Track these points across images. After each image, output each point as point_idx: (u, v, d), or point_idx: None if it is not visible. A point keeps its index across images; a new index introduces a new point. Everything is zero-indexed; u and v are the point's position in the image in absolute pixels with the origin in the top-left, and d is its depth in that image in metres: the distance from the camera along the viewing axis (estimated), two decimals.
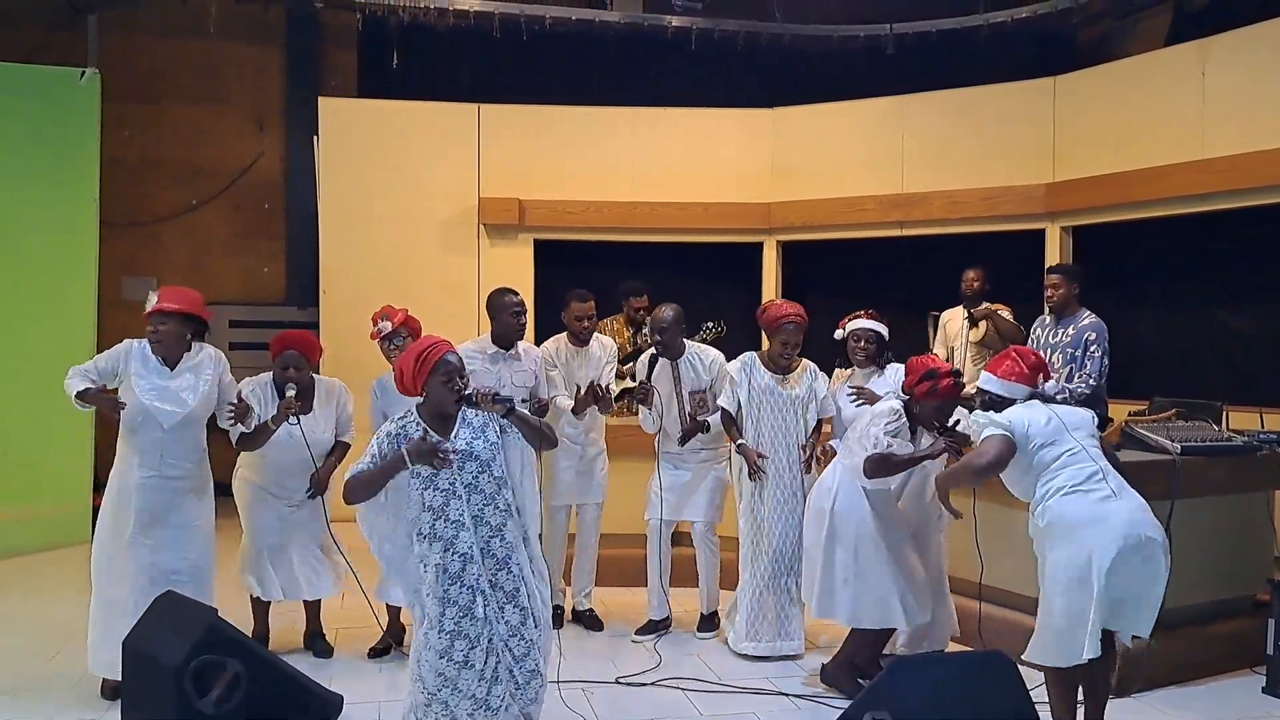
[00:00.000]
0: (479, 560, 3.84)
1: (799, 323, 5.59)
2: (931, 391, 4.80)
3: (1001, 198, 8.38)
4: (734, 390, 5.64)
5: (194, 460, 4.98)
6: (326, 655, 5.57)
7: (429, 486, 3.86)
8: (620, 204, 9.17)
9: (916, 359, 5.01)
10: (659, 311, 5.91)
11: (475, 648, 3.81)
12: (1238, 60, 7.19)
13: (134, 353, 4.91)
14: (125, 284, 10.04)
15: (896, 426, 4.84)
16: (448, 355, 3.91)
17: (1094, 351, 6.32)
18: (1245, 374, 7.49)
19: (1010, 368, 4.42)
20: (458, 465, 3.85)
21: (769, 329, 5.65)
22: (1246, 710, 4.87)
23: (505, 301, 5.75)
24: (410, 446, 3.79)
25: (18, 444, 7.85)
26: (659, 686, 5.15)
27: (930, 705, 3.52)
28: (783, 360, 5.62)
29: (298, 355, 5.31)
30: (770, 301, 5.71)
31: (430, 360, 3.87)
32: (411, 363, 3.90)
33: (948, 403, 4.85)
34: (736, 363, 5.70)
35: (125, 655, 4.29)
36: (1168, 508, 4.92)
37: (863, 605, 4.96)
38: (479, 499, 3.87)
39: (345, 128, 9.09)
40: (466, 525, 3.85)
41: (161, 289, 4.97)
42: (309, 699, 4.33)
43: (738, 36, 10.03)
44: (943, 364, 4.94)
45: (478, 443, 3.92)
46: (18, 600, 6.65)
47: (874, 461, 4.80)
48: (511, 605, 3.87)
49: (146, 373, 4.87)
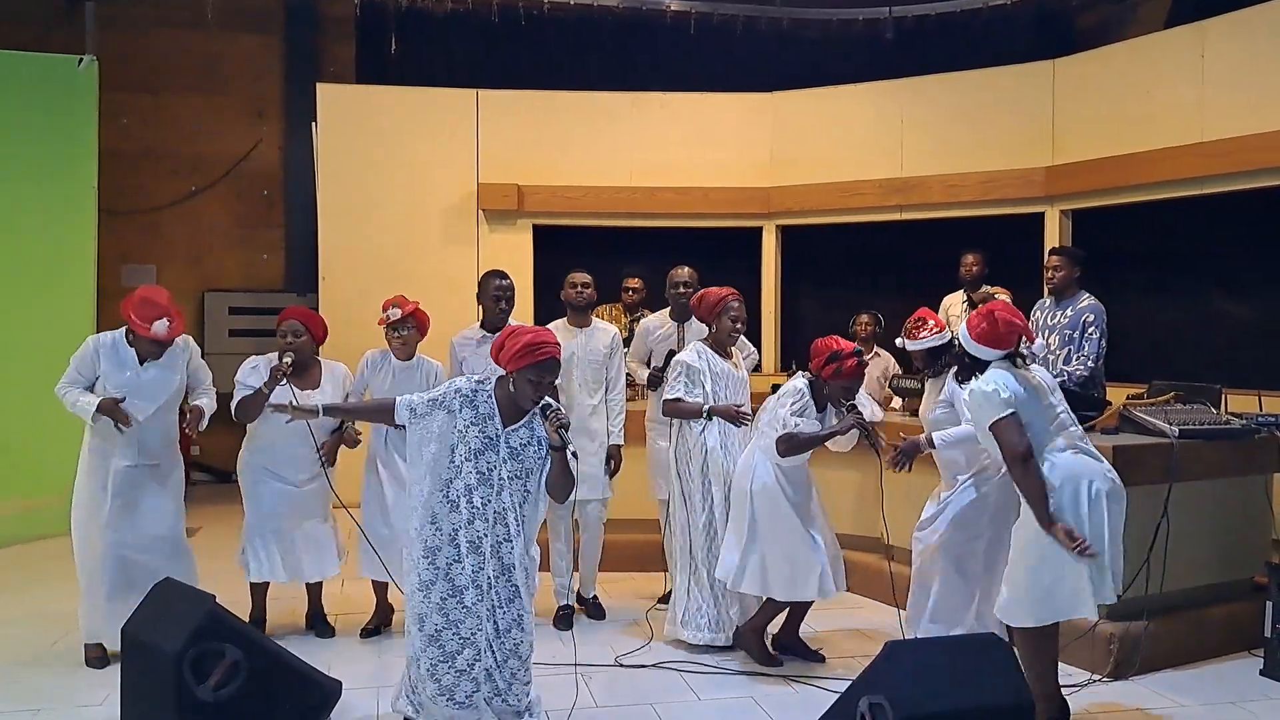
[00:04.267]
0: (486, 556, 3.87)
1: (740, 299, 5.59)
2: (837, 373, 5.00)
3: (1000, 181, 8.37)
4: (697, 378, 5.41)
5: (168, 447, 5.20)
6: (328, 635, 5.60)
7: (472, 461, 3.87)
8: (619, 189, 9.16)
9: (821, 340, 5.15)
10: (679, 270, 6.18)
11: (450, 630, 3.88)
12: (1236, 43, 7.16)
13: (103, 350, 4.99)
14: (125, 272, 10.06)
15: (800, 405, 5.07)
16: (555, 359, 3.90)
17: (1091, 334, 6.32)
18: (1244, 357, 7.48)
19: (986, 330, 4.40)
20: (502, 456, 3.86)
21: (713, 314, 5.53)
22: (1244, 693, 4.87)
23: (489, 285, 5.76)
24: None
25: (16, 434, 7.86)
26: (658, 669, 5.17)
27: (926, 689, 3.53)
28: (733, 336, 5.57)
29: (296, 323, 5.34)
30: (703, 290, 5.66)
31: (540, 355, 3.83)
32: (521, 344, 3.85)
33: (854, 381, 5.06)
34: (690, 354, 5.49)
35: (124, 642, 4.30)
36: (1165, 491, 4.94)
37: (775, 578, 5.13)
38: (507, 497, 3.89)
39: (344, 115, 9.07)
40: (487, 516, 3.87)
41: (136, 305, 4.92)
42: (308, 685, 4.34)
43: (737, 21, 10.02)
44: (846, 344, 5.07)
45: (530, 448, 3.94)
46: (16, 590, 6.66)
47: (783, 440, 5.01)
48: (503, 611, 3.91)
49: (117, 369, 4.98)
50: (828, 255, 9.50)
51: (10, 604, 6.32)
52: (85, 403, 4.88)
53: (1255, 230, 7.48)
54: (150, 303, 4.92)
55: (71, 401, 4.94)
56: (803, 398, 5.09)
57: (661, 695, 4.84)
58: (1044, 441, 4.23)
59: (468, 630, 3.90)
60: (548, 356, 3.85)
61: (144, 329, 4.88)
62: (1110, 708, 4.70)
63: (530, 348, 3.83)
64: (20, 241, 7.99)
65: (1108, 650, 4.98)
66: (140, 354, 5.03)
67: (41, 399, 7.87)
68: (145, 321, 4.87)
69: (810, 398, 5.11)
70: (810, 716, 4.15)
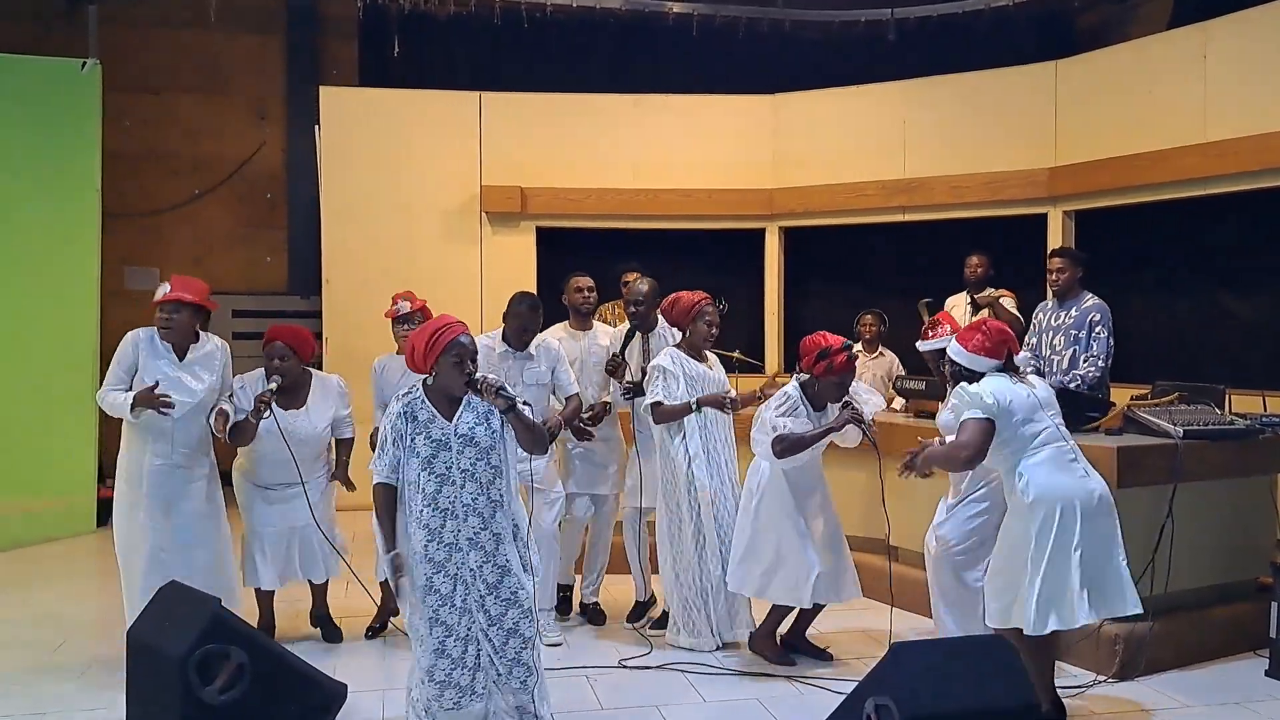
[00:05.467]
0: (465, 550, 3.88)
1: (713, 301, 5.62)
2: (828, 369, 5.02)
3: (1003, 182, 8.37)
4: (670, 382, 5.41)
5: (203, 449, 5.14)
6: (336, 640, 5.60)
7: (426, 469, 3.89)
8: (622, 191, 9.16)
9: (809, 338, 5.17)
10: (636, 284, 6.00)
11: (451, 636, 3.89)
12: (1239, 44, 7.16)
13: (141, 343, 4.98)
14: (127, 275, 10.06)
15: (786, 408, 5.09)
16: (461, 337, 3.92)
17: (1099, 333, 6.30)
18: (1247, 358, 7.48)
19: (979, 341, 4.42)
20: (456, 450, 3.87)
21: (686, 319, 5.54)
22: (1250, 693, 4.86)
23: (518, 310, 5.60)
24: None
25: (21, 435, 7.86)
26: (663, 671, 5.17)
27: (932, 691, 3.52)
28: (709, 340, 5.58)
29: (282, 346, 5.31)
30: (674, 295, 5.67)
31: (443, 340, 3.88)
32: (425, 339, 3.91)
33: (845, 376, 5.08)
34: (665, 359, 5.48)
35: (129, 646, 4.30)
36: (1170, 491, 4.93)
37: (774, 583, 5.16)
38: (474, 487, 3.90)
39: (346, 117, 9.08)
40: (456, 514, 3.88)
41: (173, 278, 5.03)
42: (313, 688, 4.33)
43: (739, 23, 10.02)
44: (834, 340, 5.08)
45: (479, 429, 3.94)
46: (22, 592, 6.67)
47: (777, 442, 5.00)
48: (493, 596, 3.91)
49: (155, 362, 4.96)
50: (831, 257, 9.51)
51: (15, 607, 6.32)
52: (123, 400, 4.86)
53: (1258, 230, 7.48)
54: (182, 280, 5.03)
55: (111, 403, 4.92)
56: (788, 400, 5.11)
57: (667, 697, 4.84)
58: (1021, 454, 4.28)
59: (464, 629, 3.92)
60: (453, 335, 3.89)
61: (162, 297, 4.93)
62: (1115, 708, 4.70)
63: (434, 337, 3.89)
64: (23, 244, 8.00)
65: (1113, 651, 4.98)
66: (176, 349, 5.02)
67: (46, 401, 7.97)
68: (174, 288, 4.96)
69: (801, 399, 5.13)
70: (816, 718, 4.15)
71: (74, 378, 8.08)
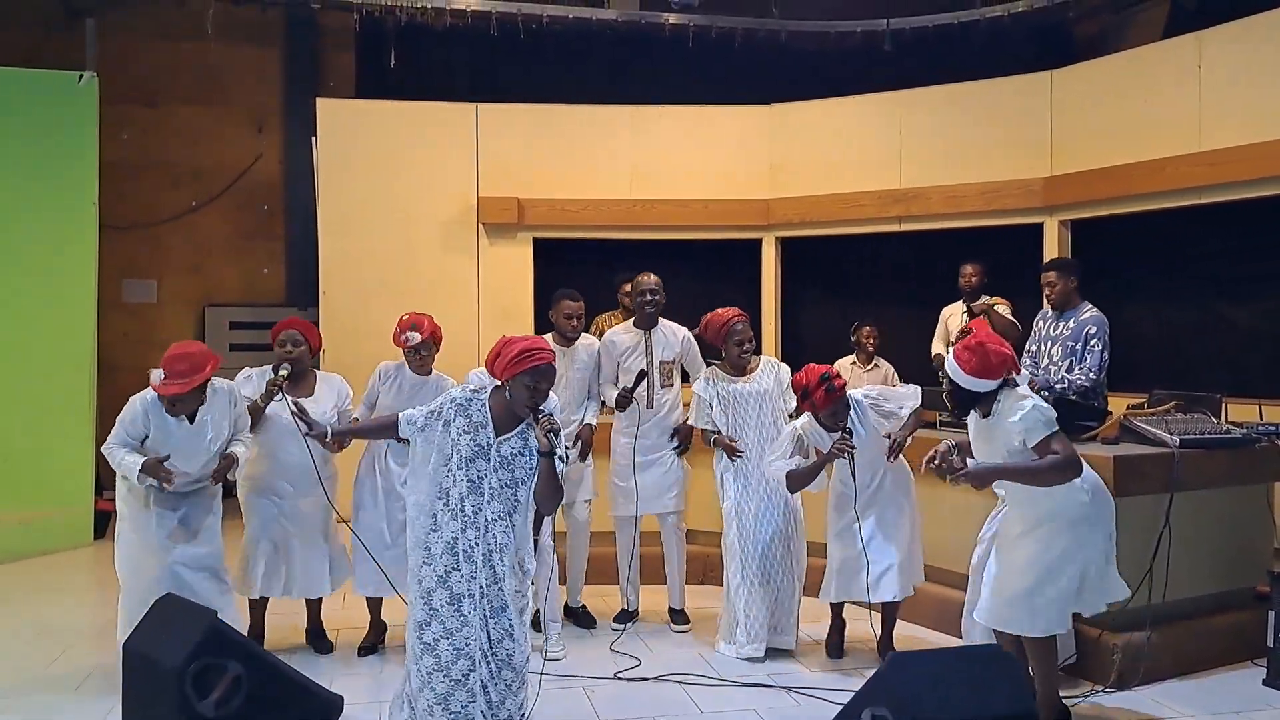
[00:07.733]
0: (478, 563, 3.87)
1: (744, 319, 5.72)
2: (813, 405, 5.15)
3: (999, 192, 8.37)
4: (706, 410, 5.72)
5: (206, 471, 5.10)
6: (326, 651, 5.60)
7: (463, 469, 3.88)
8: (619, 202, 9.16)
9: (793, 378, 5.33)
10: (644, 277, 6.15)
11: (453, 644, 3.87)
12: (1234, 53, 7.17)
13: (150, 410, 4.92)
14: (125, 286, 10.07)
15: (781, 451, 5.30)
16: (551, 365, 3.93)
17: (1094, 345, 6.27)
18: (1244, 366, 7.48)
19: (977, 363, 4.39)
20: (493, 465, 3.88)
21: (719, 337, 5.69)
22: (1247, 703, 4.86)
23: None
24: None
25: (19, 447, 7.86)
26: (660, 682, 5.16)
27: (931, 700, 3.52)
28: (742, 359, 5.69)
29: (295, 333, 5.38)
30: (709, 315, 5.75)
31: (531, 362, 3.86)
32: (515, 351, 3.89)
33: (833, 407, 5.16)
34: (699, 383, 5.79)
35: (126, 658, 4.30)
36: (1167, 501, 4.94)
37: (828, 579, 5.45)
38: (496, 508, 3.89)
39: (344, 129, 9.07)
40: (478, 525, 3.87)
41: (165, 361, 4.83)
42: (310, 700, 4.33)
43: (735, 34, 10.04)
44: (812, 375, 5.13)
45: (520, 458, 3.94)
46: (19, 604, 6.66)
47: (788, 483, 5.28)
48: (495, 621, 3.90)
49: (166, 432, 4.92)
50: (828, 266, 9.50)
51: (12, 618, 6.31)
52: (130, 463, 4.81)
53: (1254, 239, 7.48)
54: (178, 357, 4.84)
55: (118, 461, 4.87)
56: (784, 445, 5.31)
57: (664, 708, 4.84)
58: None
59: (462, 640, 3.88)
60: (543, 362, 3.88)
61: (160, 388, 4.81)
62: (1113, 718, 4.69)
63: (525, 354, 3.87)
64: (21, 255, 8.01)
65: (1110, 661, 4.98)
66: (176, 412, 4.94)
67: (43, 413, 7.96)
68: (170, 378, 4.79)
69: (804, 432, 5.31)
70: None
71: (71, 389, 8.08)
